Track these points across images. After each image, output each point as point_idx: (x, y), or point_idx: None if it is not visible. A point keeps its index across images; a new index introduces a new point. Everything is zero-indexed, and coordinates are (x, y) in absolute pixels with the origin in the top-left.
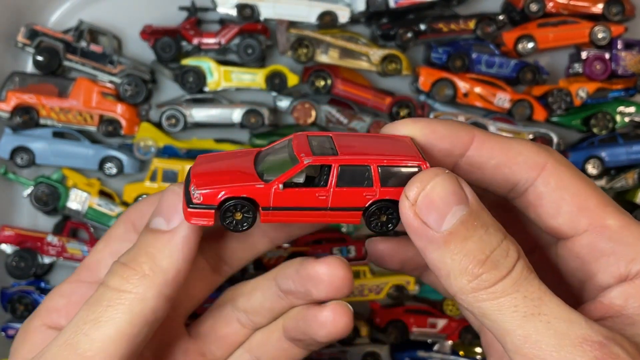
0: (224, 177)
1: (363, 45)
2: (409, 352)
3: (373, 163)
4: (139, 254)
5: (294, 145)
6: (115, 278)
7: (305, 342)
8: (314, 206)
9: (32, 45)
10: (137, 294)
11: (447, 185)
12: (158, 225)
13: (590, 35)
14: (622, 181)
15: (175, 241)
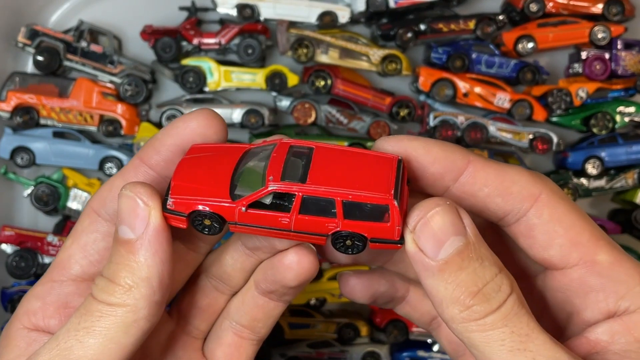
0: (199, 185)
1: (363, 45)
2: (408, 352)
3: (337, 197)
4: (118, 268)
5: (271, 160)
6: (102, 293)
7: (277, 292)
8: (278, 227)
9: (33, 46)
10: (127, 306)
11: (446, 215)
12: (125, 235)
13: (590, 36)
14: (621, 181)
15: (146, 248)
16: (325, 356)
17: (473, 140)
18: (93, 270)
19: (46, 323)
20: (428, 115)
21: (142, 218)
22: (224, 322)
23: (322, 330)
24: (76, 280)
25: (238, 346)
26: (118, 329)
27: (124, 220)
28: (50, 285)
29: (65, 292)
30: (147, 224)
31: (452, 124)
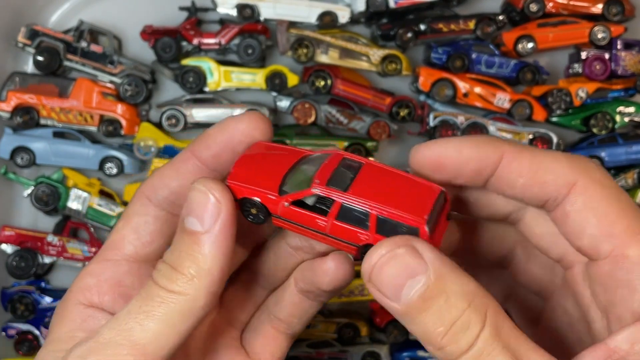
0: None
1: (363, 45)
2: (408, 352)
3: (372, 210)
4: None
5: (321, 167)
6: (164, 279)
7: (313, 293)
8: (314, 228)
9: (33, 46)
10: (187, 295)
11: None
12: (192, 226)
13: (590, 36)
14: (621, 181)
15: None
16: (325, 356)
17: None
18: (145, 251)
19: (101, 299)
20: (428, 115)
21: (212, 213)
22: (262, 315)
23: (322, 330)
24: (129, 260)
25: (275, 338)
26: (176, 315)
27: (194, 212)
28: (105, 264)
29: (119, 271)
30: (217, 220)
31: (452, 124)
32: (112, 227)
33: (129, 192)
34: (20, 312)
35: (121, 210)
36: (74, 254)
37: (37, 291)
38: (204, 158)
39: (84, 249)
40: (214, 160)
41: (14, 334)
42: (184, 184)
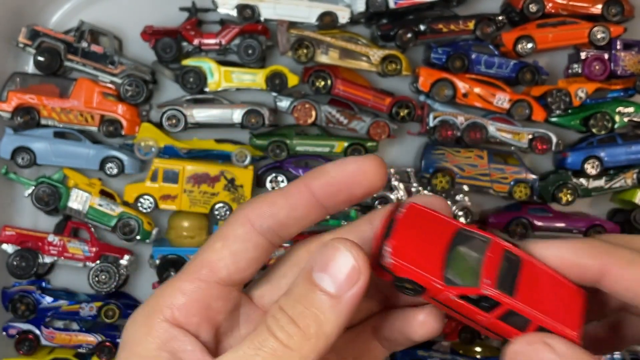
0: (415, 254)
1: (363, 45)
2: (408, 351)
3: (534, 320)
4: (305, 313)
5: (486, 260)
6: (281, 332)
7: (397, 341)
8: (472, 318)
9: (33, 46)
10: (299, 354)
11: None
12: (324, 285)
13: (589, 36)
14: (621, 181)
15: (342, 309)
16: None
17: (473, 141)
18: (237, 277)
19: (188, 320)
20: (428, 115)
21: (350, 280)
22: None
23: None
24: (221, 283)
25: None
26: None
27: (330, 271)
28: (198, 284)
29: (210, 294)
30: (352, 288)
31: (451, 124)
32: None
33: (129, 192)
34: (20, 311)
35: (122, 210)
36: (74, 253)
37: (37, 291)
38: (318, 194)
39: (85, 248)
40: (329, 198)
41: (14, 333)
42: (292, 215)
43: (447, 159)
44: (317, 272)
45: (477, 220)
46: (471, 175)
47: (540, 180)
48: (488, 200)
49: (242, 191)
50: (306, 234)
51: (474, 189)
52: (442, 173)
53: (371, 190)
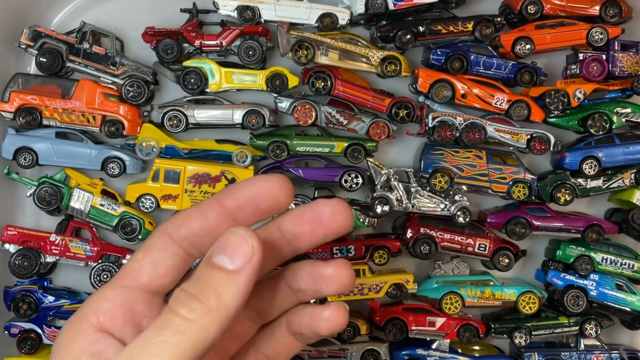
0: None
1: (363, 47)
2: (408, 350)
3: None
4: (205, 288)
5: None
6: (183, 307)
7: (305, 335)
8: None
9: (35, 47)
10: (202, 325)
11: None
12: (222, 263)
13: (587, 37)
14: (619, 181)
15: (240, 282)
16: (325, 354)
17: (471, 141)
18: (158, 283)
19: (113, 324)
20: (427, 115)
21: (244, 257)
22: (250, 350)
23: None
24: (142, 289)
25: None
26: (188, 346)
27: (227, 251)
28: (120, 290)
29: (133, 299)
30: (248, 263)
31: (450, 124)
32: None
33: (131, 192)
34: (23, 311)
35: (123, 210)
36: (76, 253)
37: (39, 290)
38: (229, 207)
39: (87, 248)
40: (238, 211)
41: (16, 332)
42: (205, 226)
43: (446, 159)
44: (215, 255)
45: (475, 220)
46: (470, 175)
47: (539, 180)
48: (487, 200)
49: None
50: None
51: (473, 189)
52: (441, 173)
53: (275, 206)
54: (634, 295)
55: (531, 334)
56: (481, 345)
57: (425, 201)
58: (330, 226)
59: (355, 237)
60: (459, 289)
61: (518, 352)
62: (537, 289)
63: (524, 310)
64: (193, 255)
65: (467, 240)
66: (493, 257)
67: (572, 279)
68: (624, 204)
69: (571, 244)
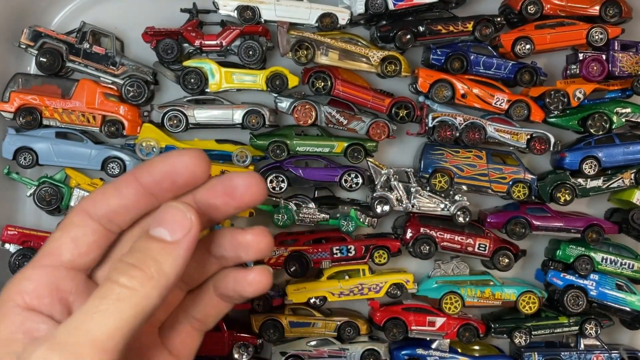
0: None
1: (362, 47)
2: (407, 350)
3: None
4: (145, 258)
5: None
6: (124, 276)
7: (232, 298)
8: None
9: (35, 47)
10: (143, 293)
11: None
12: (161, 235)
13: (587, 37)
14: (619, 181)
15: (179, 252)
16: (325, 354)
17: (471, 141)
18: (81, 260)
19: (40, 302)
20: (427, 115)
21: (182, 228)
22: (180, 314)
23: (322, 329)
24: (66, 267)
25: (191, 335)
26: (131, 313)
27: (166, 224)
28: (43, 270)
29: (57, 276)
30: (186, 235)
31: (450, 124)
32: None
33: None
34: None
35: None
36: None
37: None
38: (145, 183)
39: None
40: (155, 186)
41: None
42: (123, 203)
43: (446, 159)
44: (154, 228)
45: (475, 220)
46: (470, 175)
47: (539, 180)
48: (487, 200)
49: None
50: (309, 235)
51: (473, 189)
52: (441, 173)
53: (192, 180)
54: (634, 295)
55: (531, 333)
56: (481, 345)
57: (425, 201)
58: (242, 199)
59: (355, 237)
60: (459, 289)
61: (518, 352)
62: (537, 289)
63: (523, 310)
64: (113, 232)
65: (467, 240)
66: (493, 257)
67: (572, 279)
68: (624, 204)
69: (571, 244)
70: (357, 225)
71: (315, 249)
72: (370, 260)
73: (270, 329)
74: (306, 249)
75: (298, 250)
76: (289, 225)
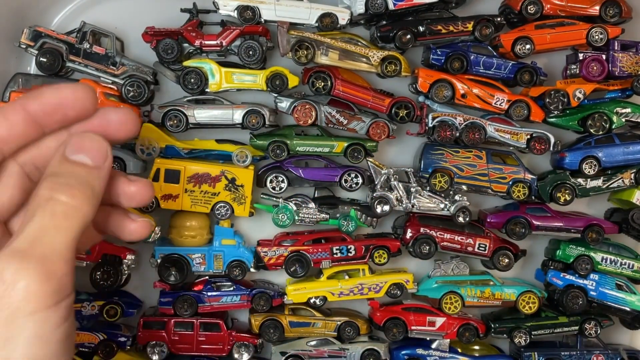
0: None
1: (362, 47)
2: (407, 350)
3: None
4: (79, 179)
5: None
6: (65, 195)
7: (107, 234)
8: None
9: (35, 47)
10: (85, 210)
11: None
12: (83, 161)
13: (587, 37)
14: (618, 181)
15: (102, 176)
16: (325, 354)
17: (471, 141)
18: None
19: None
20: (427, 115)
21: (103, 155)
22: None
23: (322, 329)
24: None
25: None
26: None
27: (87, 152)
28: None
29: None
30: (105, 161)
31: (450, 124)
32: None
33: None
34: None
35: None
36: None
37: None
38: (33, 112)
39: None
40: (45, 117)
41: None
42: (12, 133)
43: (446, 159)
44: (74, 154)
45: (475, 220)
46: (470, 175)
47: (539, 180)
48: (487, 200)
49: (242, 191)
50: (309, 235)
51: (473, 189)
52: (441, 173)
53: (83, 114)
54: (633, 295)
55: (531, 333)
56: (481, 345)
57: (425, 201)
58: (116, 134)
59: (355, 237)
60: (458, 289)
61: (518, 351)
62: (536, 289)
63: (523, 310)
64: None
65: (467, 240)
66: (493, 257)
67: (572, 279)
68: (624, 204)
69: (571, 244)
70: (357, 225)
71: (315, 249)
72: (370, 260)
73: (270, 329)
74: (306, 249)
75: (298, 250)
76: (289, 225)
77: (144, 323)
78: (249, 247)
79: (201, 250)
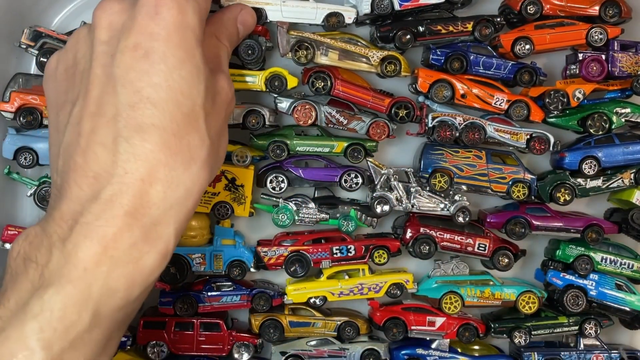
0: None
1: (362, 47)
2: (407, 350)
3: None
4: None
5: None
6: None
7: None
8: None
9: (36, 47)
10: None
11: None
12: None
13: (587, 37)
14: (618, 181)
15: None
16: (325, 354)
17: (471, 141)
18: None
19: None
20: (427, 115)
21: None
22: None
23: (322, 329)
24: None
25: None
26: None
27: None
28: None
29: None
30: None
31: (450, 124)
32: None
33: None
34: None
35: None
36: None
37: None
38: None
39: None
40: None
41: None
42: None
43: (446, 159)
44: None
45: (475, 220)
46: (470, 175)
47: (538, 180)
48: (487, 200)
49: (242, 191)
50: (309, 235)
51: (473, 189)
52: (441, 173)
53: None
54: (633, 295)
55: (531, 333)
56: (481, 345)
57: (425, 201)
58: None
59: (355, 237)
60: (458, 289)
61: (518, 351)
62: (536, 289)
63: (523, 310)
64: None
65: (466, 240)
66: (493, 257)
67: (572, 279)
68: (624, 204)
69: (571, 244)
70: (357, 225)
71: (315, 249)
72: (370, 260)
73: (270, 329)
74: (306, 249)
75: (298, 249)
76: (289, 225)
77: (144, 323)
78: (249, 247)
79: (201, 250)
